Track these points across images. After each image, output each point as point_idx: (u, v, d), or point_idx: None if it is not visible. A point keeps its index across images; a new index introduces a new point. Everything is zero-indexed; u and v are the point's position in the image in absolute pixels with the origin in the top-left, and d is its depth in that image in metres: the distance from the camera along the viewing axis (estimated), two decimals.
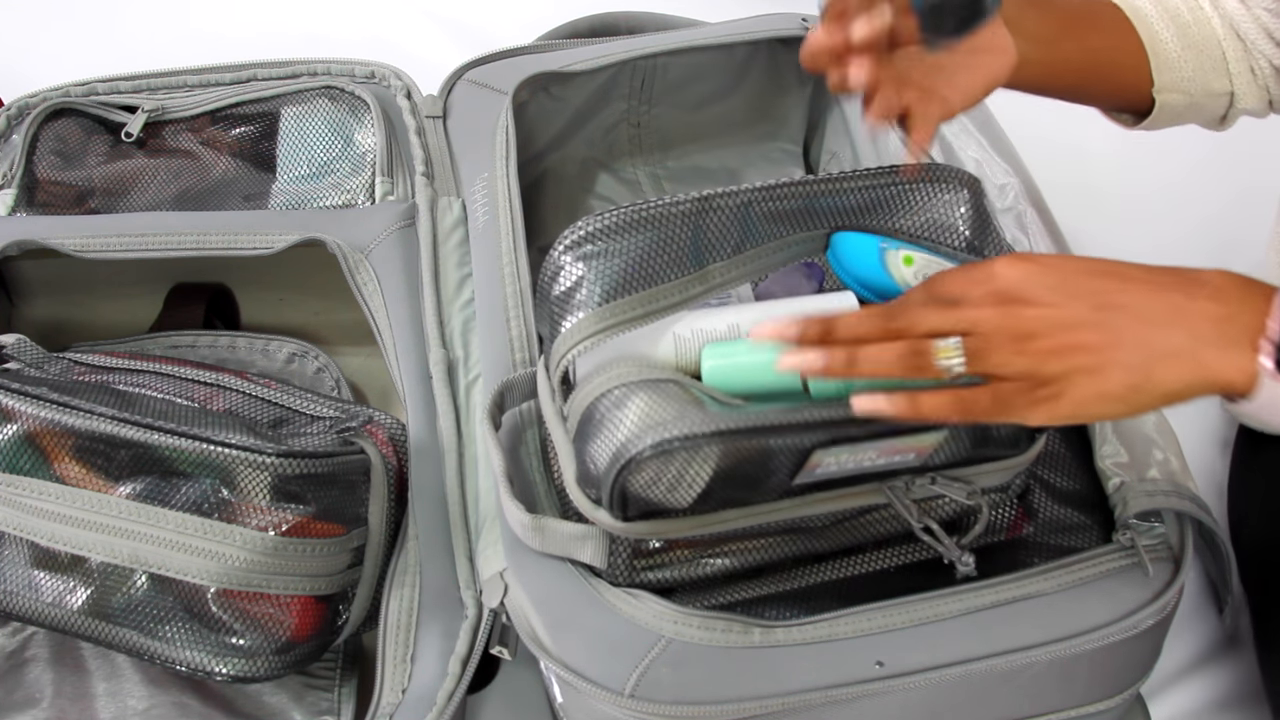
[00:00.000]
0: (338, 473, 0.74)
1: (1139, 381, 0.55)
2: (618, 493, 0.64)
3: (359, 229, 0.91)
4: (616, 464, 0.62)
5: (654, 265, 0.67)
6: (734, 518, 0.67)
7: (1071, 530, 0.75)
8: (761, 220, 0.69)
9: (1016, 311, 0.56)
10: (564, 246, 0.68)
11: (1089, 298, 0.56)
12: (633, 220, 0.67)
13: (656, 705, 0.65)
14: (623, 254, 0.67)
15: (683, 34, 1.05)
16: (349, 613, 0.77)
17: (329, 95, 1.01)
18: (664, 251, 0.67)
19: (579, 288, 0.67)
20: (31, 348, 0.80)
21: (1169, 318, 0.55)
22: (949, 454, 0.66)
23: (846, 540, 0.72)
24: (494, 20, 1.36)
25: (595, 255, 0.67)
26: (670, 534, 0.67)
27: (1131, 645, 0.70)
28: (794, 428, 0.61)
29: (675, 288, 0.67)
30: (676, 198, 0.68)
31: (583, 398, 0.66)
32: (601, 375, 0.66)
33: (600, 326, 0.66)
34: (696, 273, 0.68)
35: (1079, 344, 0.55)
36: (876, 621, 0.68)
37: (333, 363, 0.98)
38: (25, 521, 0.72)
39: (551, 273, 0.68)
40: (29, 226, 0.91)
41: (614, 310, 0.66)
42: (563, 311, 0.67)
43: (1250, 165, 1.12)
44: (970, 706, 0.70)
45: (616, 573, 0.69)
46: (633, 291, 0.66)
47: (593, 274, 0.66)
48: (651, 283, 0.67)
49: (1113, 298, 0.56)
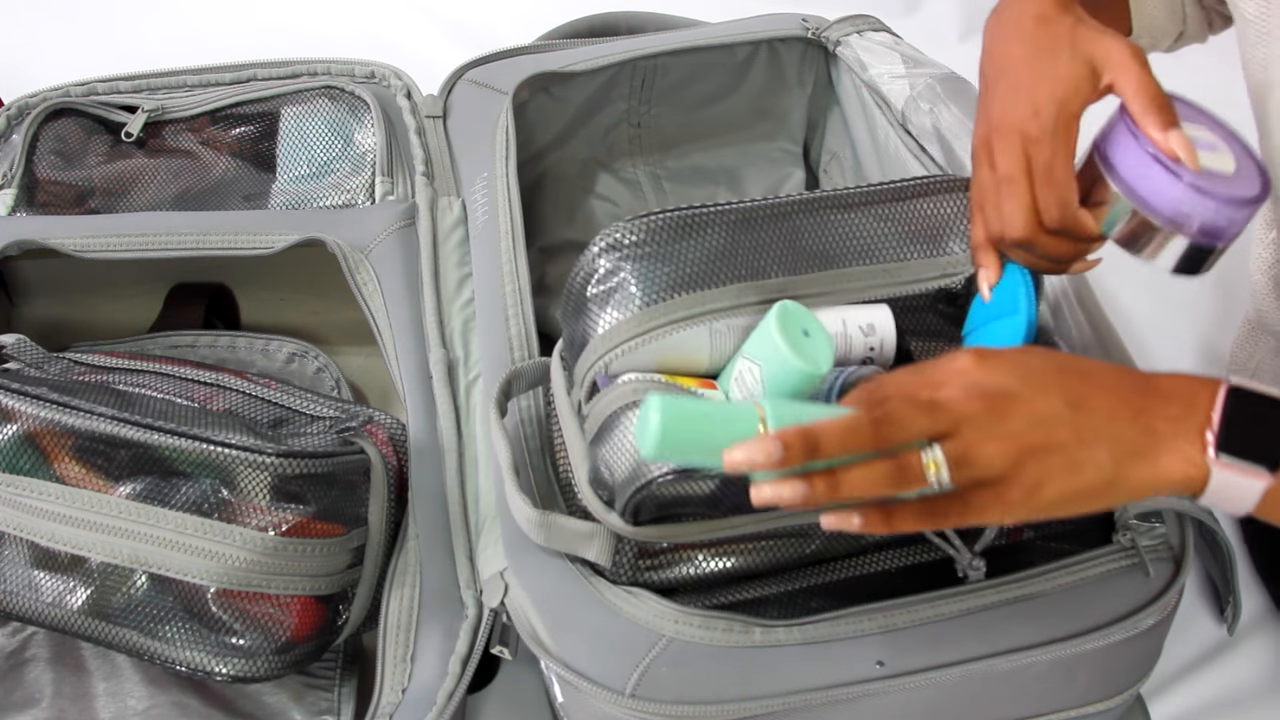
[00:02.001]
0: (338, 473, 0.74)
1: (1111, 479, 0.55)
2: (633, 506, 0.64)
3: (359, 229, 0.91)
4: (635, 482, 0.63)
5: (703, 270, 0.66)
6: (744, 523, 0.67)
7: (1071, 532, 0.74)
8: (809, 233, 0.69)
9: (1001, 406, 0.54)
10: (602, 246, 0.67)
11: (1061, 393, 0.55)
12: (678, 224, 0.67)
13: (657, 705, 0.65)
14: (670, 258, 0.66)
15: (683, 34, 1.05)
16: (349, 613, 0.77)
17: (329, 95, 1.01)
18: (717, 257, 0.66)
19: (619, 289, 0.66)
20: (31, 348, 0.80)
21: (1132, 418, 0.55)
22: None
23: (853, 543, 0.72)
24: (494, 20, 1.36)
25: (638, 258, 0.66)
26: (680, 538, 0.67)
27: (1132, 645, 0.70)
28: None
29: (727, 293, 0.66)
30: (726, 205, 0.68)
31: (606, 404, 0.66)
32: (628, 385, 0.66)
33: (643, 329, 0.65)
34: (752, 282, 0.67)
35: (1056, 442, 0.54)
36: (877, 622, 0.68)
37: (333, 363, 0.98)
38: (25, 521, 0.72)
39: (586, 273, 0.67)
40: (29, 226, 0.91)
41: (659, 312, 0.65)
42: (600, 311, 0.66)
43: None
44: (971, 706, 0.70)
45: (620, 571, 0.69)
46: (679, 295, 0.66)
47: (634, 276, 0.66)
48: (699, 287, 0.66)
49: (1083, 398, 0.55)
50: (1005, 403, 0.54)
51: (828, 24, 1.04)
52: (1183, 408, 0.55)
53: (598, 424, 0.66)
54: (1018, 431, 0.54)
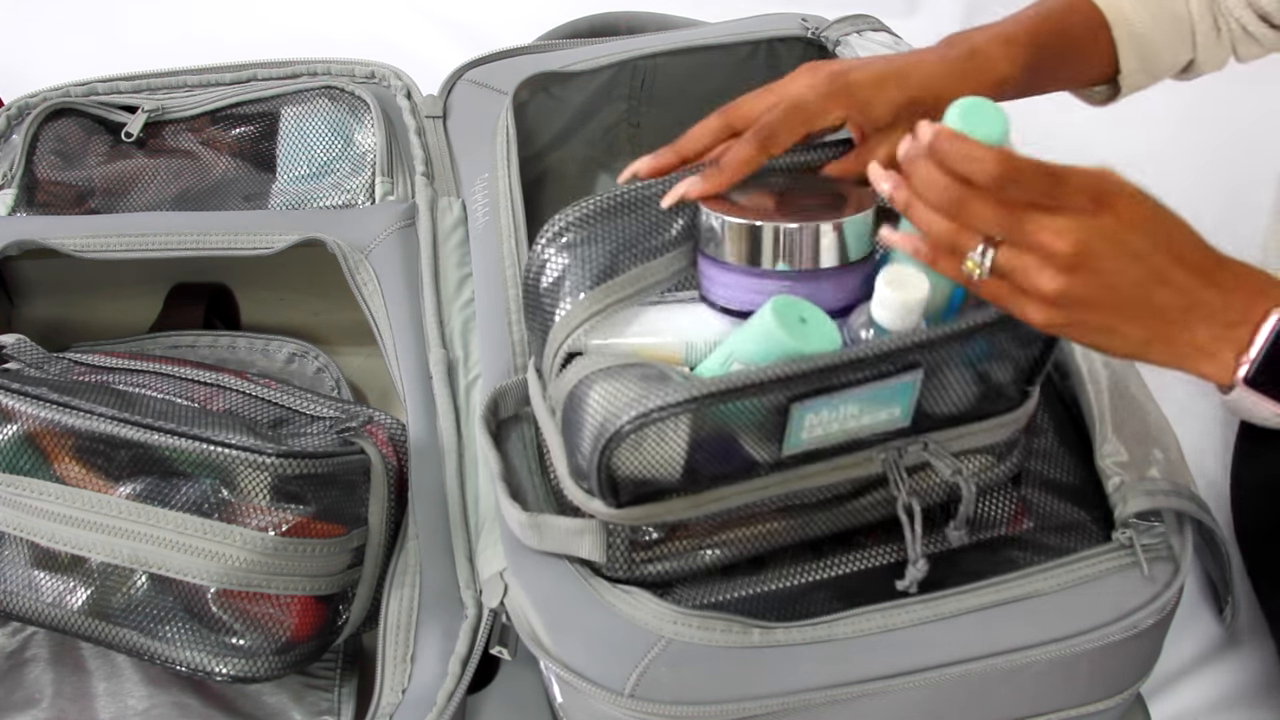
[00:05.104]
0: (338, 473, 0.74)
1: (1132, 353, 0.59)
2: (605, 475, 0.64)
3: (359, 229, 0.91)
4: (599, 443, 0.62)
5: (639, 244, 0.68)
6: (727, 495, 0.67)
7: (1071, 528, 0.74)
8: None
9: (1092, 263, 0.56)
10: (545, 240, 0.68)
11: (1144, 269, 0.57)
12: (611, 205, 0.68)
13: (656, 705, 0.65)
14: (606, 238, 0.67)
15: (683, 34, 1.05)
16: (349, 613, 0.77)
17: (329, 95, 1.01)
18: (648, 231, 0.68)
19: (567, 276, 0.67)
20: (31, 348, 0.80)
21: (1182, 316, 0.57)
22: (940, 407, 0.67)
23: (844, 523, 0.72)
24: (494, 20, 1.36)
25: (579, 243, 0.67)
26: (665, 516, 0.67)
27: (1131, 645, 0.70)
28: (770, 383, 0.61)
29: (663, 264, 0.68)
30: (651, 182, 0.69)
31: (563, 386, 0.67)
32: (578, 364, 0.67)
33: (596, 308, 0.66)
34: (682, 248, 0.69)
35: (1105, 309, 0.57)
36: (876, 621, 0.68)
37: (333, 363, 0.98)
38: (25, 521, 0.72)
39: (537, 268, 0.69)
40: (29, 226, 0.91)
41: (607, 291, 0.67)
42: (554, 302, 0.68)
43: (1254, 165, 1.12)
44: (970, 706, 0.70)
45: (616, 566, 0.69)
46: (622, 272, 0.67)
47: (579, 261, 0.67)
48: (639, 261, 0.68)
49: (1162, 276, 0.57)
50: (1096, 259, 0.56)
51: (827, 24, 1.04)
52: (1239, 313, 0.57)
53: (560, 409, 0.67)
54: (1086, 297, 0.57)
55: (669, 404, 0.61)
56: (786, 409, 0.62)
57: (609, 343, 0.69)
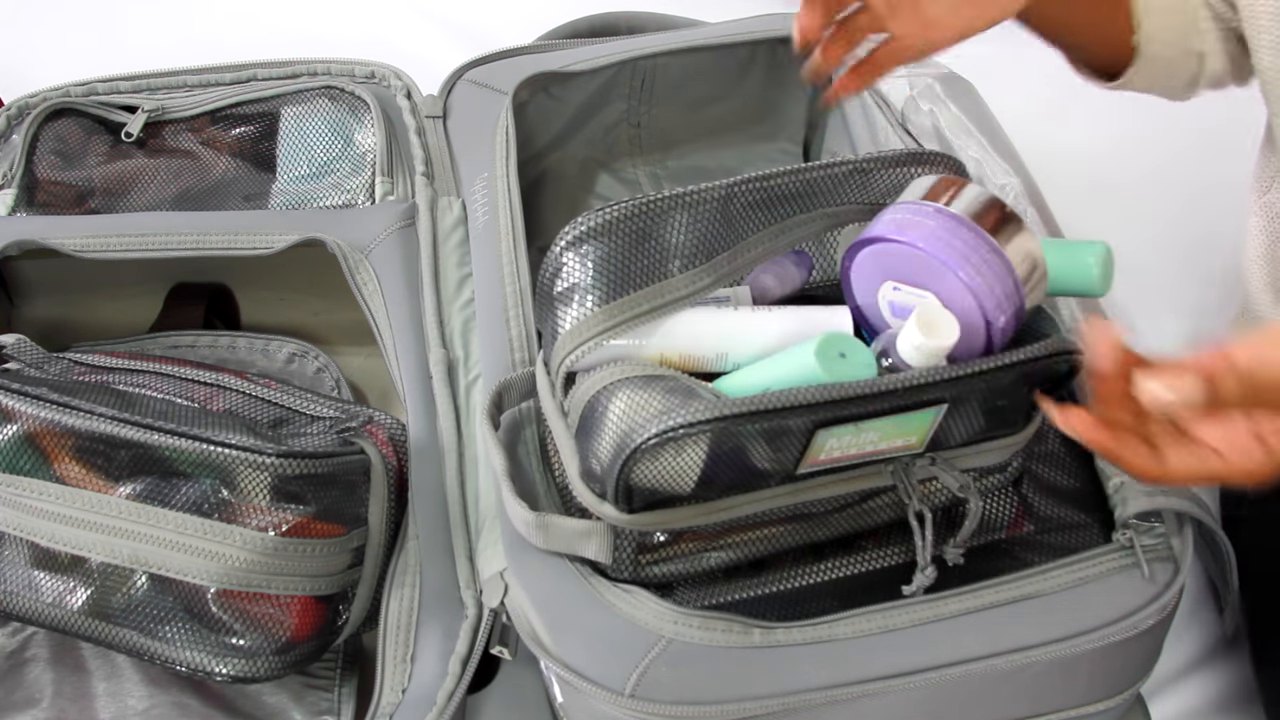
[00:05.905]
0: (338, 473, 0.74)
1: None
2: (623, 485, 0.64)
3: (359, 229, 0.91)
4: (620, 455, 0.62)
5: (656, 261, 0.67)
6: (738, 504, 0.67)
7: (1071, 529, 0.75)
8: (752, 209, 0.70)
9: None
10: (564, 244, 0.68)
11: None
12: (632, 214, 0.67)
13: (656, 705, 0.65)
14: (624, 251, 0.67)
15: (683, 34, 1.05)
16: (349, 613, 0.77)
17: (329, 95, 1.01)
18: (665, 246, 0.67)
19: (580, 286, 0.67)
20: (31, 348, 0.80)
21: None
22: (954, 435, 0.67)
23: (848, 527, 0.72)
24: (494, 20, 1.36)
25: (597, 252, 0.67)
26: (676, 524, 0.67)
27: (1132, 645, 0.70)
28: (797, 409, 0.61)
29: (681, 282, 0.68)
30: (674, 191, 0.68)
31: (583, 393, 0.66)
32: (602, 371, 0.66)
33: (605, 326, 0.66)
34: (703, 265, 0.68)
35: None
36: (876, 622, 0.68)
37: (333, 363, 0.98)
38: (25, 522, 0.72)
39: (552, 270, 0.68)
40: (29, 226, 0.91)
41: (619, 308, 0.66)
42: (565, 309, 0.67)
43: (1222, 166, 1.12)
44: (970, 706, 0.70)
45: (621, 568, 0.69)
46: (637, 288, 0.66)
47: (594, 271, 0.66)
48: (655, 279, 0.67)
49: None
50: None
51: None
52: None
53: (578, 414, 0.67)
54: None
55: (697, 421, 0.60)
56: (811, 432, 0.62)
57: (633, 343, 0.69)
